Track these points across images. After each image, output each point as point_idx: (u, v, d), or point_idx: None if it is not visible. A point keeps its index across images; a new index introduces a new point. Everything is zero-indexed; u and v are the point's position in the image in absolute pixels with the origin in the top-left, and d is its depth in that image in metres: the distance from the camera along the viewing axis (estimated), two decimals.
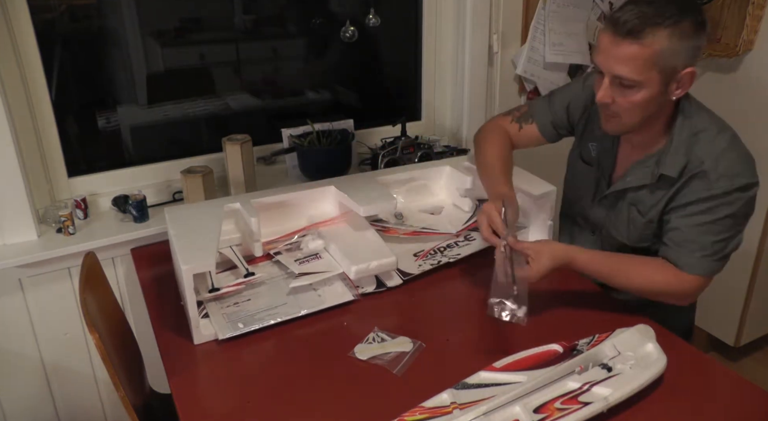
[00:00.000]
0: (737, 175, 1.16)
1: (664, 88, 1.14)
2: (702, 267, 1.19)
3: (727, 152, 1.17)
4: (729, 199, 1.16)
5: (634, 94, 1.13)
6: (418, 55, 2.11)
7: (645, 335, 1.10)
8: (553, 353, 1.07)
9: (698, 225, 1.19)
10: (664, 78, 1.12)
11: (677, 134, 1.21)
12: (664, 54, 1.09)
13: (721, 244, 1.19)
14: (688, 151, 1.19)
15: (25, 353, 1.63)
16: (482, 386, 1.01)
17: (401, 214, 1.54)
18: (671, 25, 1.08)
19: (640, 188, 1.28)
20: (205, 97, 1.90)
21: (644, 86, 1.12)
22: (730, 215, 1.17)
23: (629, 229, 1.33)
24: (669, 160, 1.21)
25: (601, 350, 1.07)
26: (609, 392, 0.97)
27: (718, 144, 1.18)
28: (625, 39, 1.09)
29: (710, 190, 1.16)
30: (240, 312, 1.24)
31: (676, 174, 1.20)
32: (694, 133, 1.19)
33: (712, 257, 1.19)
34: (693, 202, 1.19)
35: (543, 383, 1.00)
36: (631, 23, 1.08)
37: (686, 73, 1.13)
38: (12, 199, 1.49)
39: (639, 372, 1.01)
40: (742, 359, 2.34)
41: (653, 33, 1.08)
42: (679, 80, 1.14)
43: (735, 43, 1.93)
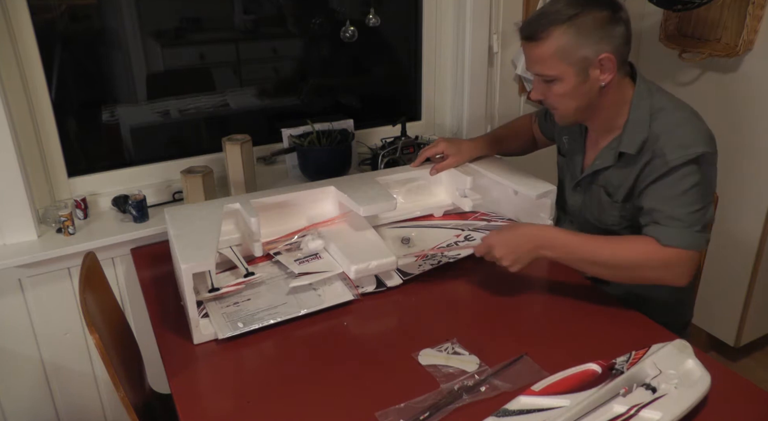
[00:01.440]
0: (691, 146, 1.19)
1: (584, 77, 1.21)
2: (684, 239, 1.20)
3: (682, 126, 1.22)
4: (689, 170, 1.19)
5: (556, 87, 1.23)
6: (418, 55, 2.11)
7: (684, 352, 1.08)
8: (591, 373, 1.04)
9: (668, 199, 1.21)
10: (578, 68, 1.20)
11: (633, 113, 1.26)
12: (566, 48, 1.18)
13: (696, 215, 1.21)
14: (645, 128, 1.24)
15: (25, 353, 1.63)
16: (525, 413, 0.97)
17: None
18: (566, 21, 1.17)
19: (607, 169, 1.33)
20: (205, 97, 1.90)
21: (560, 79, 1.22)
22: (695, 184, 1.20)
23: (599, 211, 1.38)
24: (626, 138, 1.27)
25: (642, 369, 1.04)
26: (659, 416, 0.95)
27: (673, 119, 1.23)
28: (529, 42, 1.22)
29: (667, 164, 1.20)
30: (240, 312, 1.24)
31: (634, 151, 1.25)
32: (652, 113, 1.24)
33: (692, 228, 1.20)
34: (656, 179, 1.23)
35: (589, 407, 0.97)
36: (529, 28, 1.21)
37: (603, 59, 1.19)
38: (12, 200, 1.49)
39: (685, 392, 0.99)
40: (742, 359, 2.34)
41: (548, 32, 1.18)
42: (599, 66, 1.20)
43: (735, 43, 1.93)
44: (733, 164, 2.03)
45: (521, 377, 1.07)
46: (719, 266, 2.11)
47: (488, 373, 1.08)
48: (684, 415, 0.96)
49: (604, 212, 1.38)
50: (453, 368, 1.10)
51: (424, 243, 1.50)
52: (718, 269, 2.12)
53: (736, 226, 2.08)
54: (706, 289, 1.44)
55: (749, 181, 2.02)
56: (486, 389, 1.04)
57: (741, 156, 2.02)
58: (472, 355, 1.13)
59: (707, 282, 1.30)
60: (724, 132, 2.07)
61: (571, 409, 0.96)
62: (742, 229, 2.07)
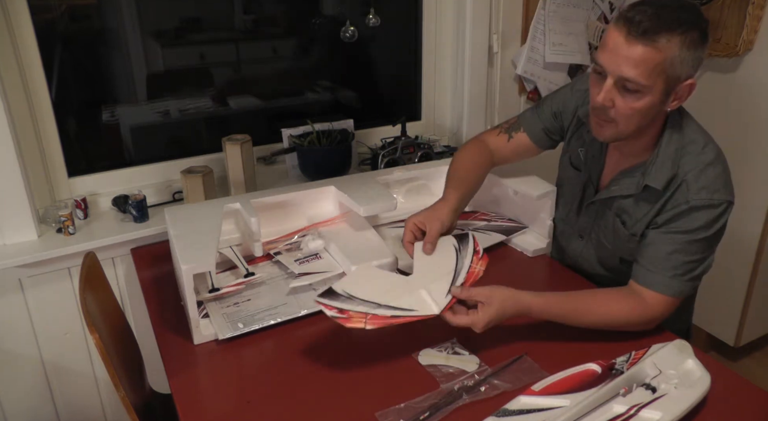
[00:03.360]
0: (717, 191, 1.14)
1: (665, 98, 1.11)
2: (671, 287, 1.17)
3: (711, 167, 1.16)
4: (706, 215, 1.14)
5: (637, 99, 1.09)
6: (418, 55, 2.11)
7: (684, 352, 1.08)
8: (591, 373, 1.04)
9: (673, 243, 1.17)
10: (667, 87, 1.09)
11: (665, 146, 1.18)
12: (674, 61, 1.06)
13: (692, 264, 1.17)
14: (674, 163, 1.17)
15: (25, 353, 1.63)
16: (525, 413, 0.97)
17: None
18: (683, 32, 1.05)
19: (626, 198, 1.25)
20: (205, 97, 1.90)
21: (648, 93, 1.08)
22: (706, 237, 1.16)
23: (614, 239, 1.31)
24: (655, 172, 1.19)
25: (642, 370, 1.04)
26: (659, 416, 0.95)
27: (703, 157, 1.16)
28: (638, 40, 1.04)
29: (689, 201, 1.15)
30: (240, 312, 1.24)
31: (661, 186, 1.18)
32: (681, 146, 1.18)
33: (682, 277, 1.17)
34: (672, 217, 1.17)
35: (589, 407, 0.97)
36: (647, 24, 1.04)
37: (686, 85, 1.11)
38: (12, 200, 1.49)
39: (685, 392, 0.99)
40: (742, 359, 2.34)
41: (668, 38, 1.04)
42: (678, 91, 1.11)
43: (735, 43, 1.93)
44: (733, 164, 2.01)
45: (521, 377, 1.07)
46: (719, 266, 2.10)
47: (488, 373, 1.08)
48: (684, 415, 0.96)
49: (619, 241, 1.30)
50: (453, 368, 1.10)
51: None
52: (718, 269, 2.11)
53: (736, 226, 2.07)
54: (706, 289, 1.44)
55: (749, 181, 2.02)
56: (486, 389, 1.04)
57: (741, 156, 2.02)
58: (472, 355, 1.13)
59: (707, 282, 1.29)
60: (724, 132, 2.07)
61: (571, 409, 0.96)
62: (742, 229, 2.07)
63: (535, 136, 1.45)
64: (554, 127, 1.43)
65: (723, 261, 2.14)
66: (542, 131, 1.44)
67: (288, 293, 1.30)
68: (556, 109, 1.41)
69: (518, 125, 1.47)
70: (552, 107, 1.42)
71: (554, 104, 1.42)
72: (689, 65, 1.08)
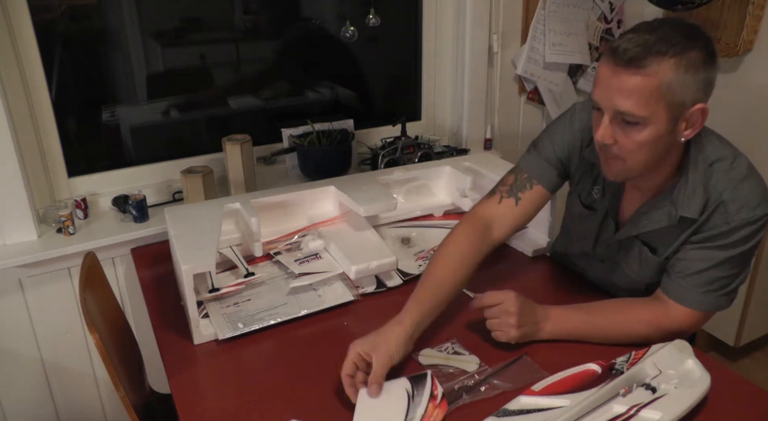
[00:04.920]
0: (758, 206, 1.08)
1: (672, 127, 1.02)
2: (702, 303, 1.13)
3: (746, 181, 1.08)
4: (748, 232, 1.08)
5: (639, 132, 1.02)
6: (418, 55, 2.11)
7: (684, 351, 1.07)
8: (591, 373, 1.04)
9: (708, 260, 1.11)
10: (672, 114, 1.01)
11: (692, 171, 1.10)
12: (671, 86, 0.98)
13: (727, 280, 1.12)
14: (706, 186, 1.09)
15: (25, 353, 1.63)
16: (525, 413, 0.97)
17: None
18: (677, 54, 0.97)
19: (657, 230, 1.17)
20: (205, 97, 1.90)
21: (650, 123, 1.00)
22: (743, 252, 1.10)
23: (641, 268, 1.23)
24: (687, 200, 1.10)
25: (642, 370, 1.04)
26: (659, 416, 0.94)
27: (736, 173, 1.09)
28: (626, 69, 0.98)
29: (730, 223, 1.08)
30: (240, 312, 1.24)
31: (696, 215, 1.10)
32: (708, 165, 1.10)
33: (715, 293, 1.12)
34: (711, 237, 1.10)
35: (589, 407, 0.96)
36: (633, 51, 0.97)
37: (696, 111, 1.02)
38: (12, 199, 1.49)
39: (685, 392, 0.99)
40: (742, 359, 2.34)
41: (657, 62, 0.97)
42: (688, 118, 1.03)
43: (735, 43, 1.93)
44: None
45: (521, 377, 1.07)
46: None
47: (488, 373, 1.08)
48: (684, 415, 0.96)
49: (648, 269, 1.22)
50: (453, 368, 1.10)
51: (424, 243, 1.50)
52: None
53: None
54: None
55: None
56: (486, 389, 1.04)
57: None
58: (472, 355, 1.13)
59: None
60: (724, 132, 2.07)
61: (571, 409, 0.96)
62: None
63: (551, 183, 1.29)
64: (562, 171, 1.30)
65: None
66: (556, 176, 1.29)
67: (288, 293, 1.30)
68: (561, 154, 1.27)
69: (525, 182, 1.29)
70: (555, 152, 1.27)
71: (557, 148, 1.27)
72: (693, 88, 0.99)
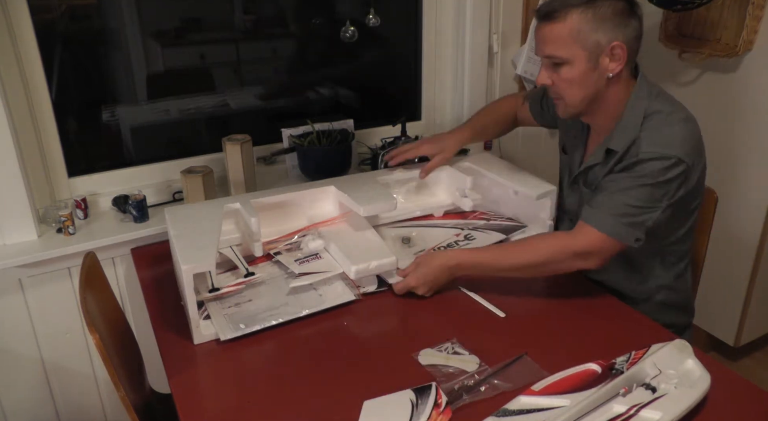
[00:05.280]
0: (669, 146, 1.19)
1: (594, 64, 1.21)
2: (605, 224, 1.21)
3: (670, 127, 1.21)
4: (652, 167, 1.18)
5: (566, 71, 1.22)
6: (418, 55, 2.11)
7: (683, 352, 1.08)
8: (591, 373, 1.04)
9: (617, 185, 1.22)
10: (590, 53, 1.20)
11: (628, 112, 1.25)
12: (581, 31, 1.18)
13: (632, 209, 1.20)
14: (636, 128, 1.23)
15: (25, 353, 1.63)
16: (525, 413, 0.97)
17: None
18: (585, 4, 1.18)
19: (595, 166, 1.33)
20: (205, 97, 1.90)
21: (572, 61, 1.21)
22: (650, 184, 1.19)
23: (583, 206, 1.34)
24: (617, 135, 1.26)
25: (642, 369, 1.04)
26: (659, 416, 0.95)
27: (665, 121, 1.22)
28: (544, 21, 1.21)
29: (639, 154, 1.20)
30: (241, 313, 1.24)
31: (621, 149, 1.24)
32: (647, 115, 1.24)
33: (619, 218, 1.20)
34: (623, 168, 1.23)
35: (589, 407, 0.97)
36: (546, 7, 1.21)
37: (615, 47, 1.20)
38: (12, 199, 1.49)
39: (685, 392, 0.99)
40: (742, 359, 2.34)
41: (566, 12, 1.19)
42: (609, 55, 1.21)
43: (735, 43, 1.93)
44: (733, 164, 2.03)
45: (521, 376, 1.07)
46: (719, 266, 2.11)
47: (488, 373, 1.08)
48: (684, 415, 0.96)
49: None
50: (453, 368, 1.10)
51: (424, 243, 1.50)
52: (718, 269, 2.12)
53: (736, 226, 2.08)
54: (706, 289, 1.44)
55: (749, 181, 2.02)
56: (486, 389, 1.04)
57: (740, 156, 2.02)
58: (472, 355, 1.13)
59: (707, 282, 1.29)
60: (724, 132, 2.07)
61: (571, 409, 0.96)
62: (741, 229, 2.07)
63: (534, 111, 1.60)
64: (549, 113, 1.54)
65: (723, 261, 2.14)
66: (539, 112, 1.58)
67: (288, 293, 1.30)
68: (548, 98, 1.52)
69: (528, 96, 1.63)
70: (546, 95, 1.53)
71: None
72: (605, 31, 1.19)
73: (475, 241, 1.48)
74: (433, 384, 1.05)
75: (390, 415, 0.99)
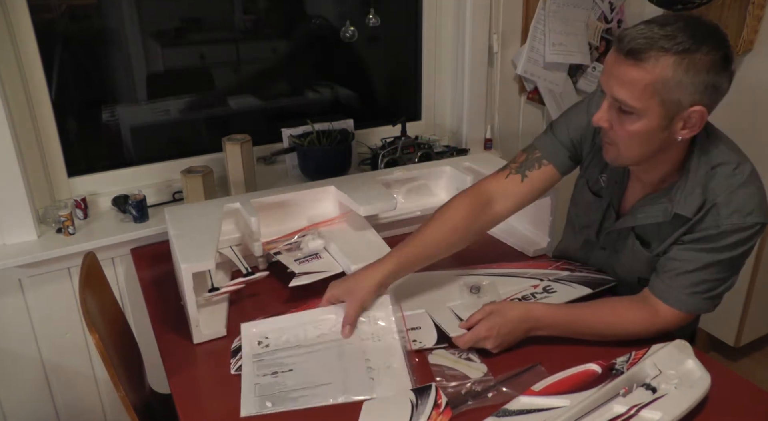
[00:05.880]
0: (751, 213, 1.08)
1: (667, 124, 1.03)
2: (686, 304, 1.14)
3: (744, 187, 1.09)
4: (737, 238, 1.09)
5: (632, 123, 1.04)
6: (418, 55, 2.11)
7: (683, 352, 1.07)
8: (591, 373, 1.04)
9: (697, 262, 1.12)
10: (666, 111, 1.01)
11: (693, 171, 1.11)
12: (666, 83, 0.98)
13: (714, 283, 1.13)
14: (704, 188, 1.10)
15: (25, 353, 1.63)
16: (525, 413, 0.97)
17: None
18: (679, 53, 0.97)
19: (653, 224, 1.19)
20: (205, 97, 1.90)
21: (643, 116, 1.02)
22: (732, 257, 1.11)
23: (633, 260, 1.25)
24: (684, 198, 1.12)
25: (642, 370, 1.04)
26: (659, 416, 0.94)
27: (736, 179, 1.09)
28: (627, 59, 1.00)
29: (720, 226, 1.09)
30: (275, 386, 1.06)
31: (691, 214, 1.11)
32: (711, 168, 1.11)
33: (700, 295, 1.13)
34: (701, 239, 1.11)
35: (589, 407, 0.96)
36: (635, 43, 0.98)
37: (695, 112, 1.01)
38: (12, 199, 1.49)
39: (685, 392, 0.99)
40: (742, 359, 2.34)
41: (656, 58, 0.98)
42: (686, 119, 1.03)
43: (735, 43, 1.93)
44: None
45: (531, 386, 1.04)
46: None
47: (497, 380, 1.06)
48: (684, 415, 0.96)
49: (638, 263, 1.24)
50: (457, 372, 1.09)
51: (495, 293, 1.29)
52: None
53: None
54: None
55: None
56: (493, 396, 1.03)
57: None
58: (482, 363, 1.11)
59: None
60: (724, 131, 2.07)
61: (571, 409, 0.96)
62: None
63: (563, 165, 1.30)
64: (574, 154, 1.31)
65: None
66: (568, 158, 1.30)
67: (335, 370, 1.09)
68: (574, 136, 1.29)
69: (534, 161, 1.30)
70: (569, 133, 1.29)
71: (571, 131, 1.29)
72: (692, 90, 0.99)
73: (555, 294, 1.28)
74: (432, 384, 1.05)
75: (390, 415, 0.99)
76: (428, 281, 1.32)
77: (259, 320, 1.20)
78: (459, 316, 1.19)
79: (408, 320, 1.20)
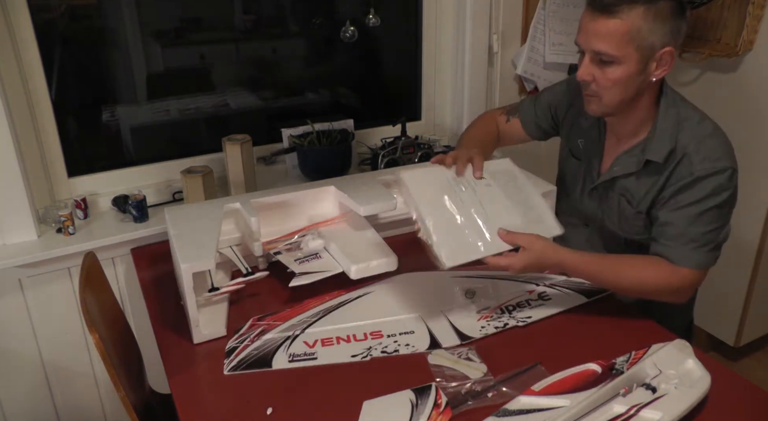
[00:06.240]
0: (719, 159, 1.18)
1: (643, 67, 1.16)
2: (695, 260, 1.20)
3: (710, 138, 1.20)
4: (713, 183, 1.17)
5: (613, 70, 1.16)
6: (418, 55, 2.11)
7: (683, 351, 1.08)
8: (591, 373, 1.04)
9: (687, 217, 1.20)
10: (642, 56, 1.15)
11: (661, 121, 1.23)
12: (641, 31, 1.13)
13: (711, 234, 1.20)
14: (672, 137, 1.21)
15: (25, 353, 1.63)
16: (525, 413, 0.97)
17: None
18: (646, 3, 1.12)
19: (628, 177, 1.29)
20: (205, 97, 1.90)
21: (622, 62, 1.15)
22: (717, 205, 1.19)
23: (620, 220, 1.34)
24: (654, 146, 1.23)
25: (642, 370, 1.04)
26: (659, 416, 0.95)
27: (701, 130, 1.21)
28: (602, 14, 1.14)
29: (693, 173, 1.18)
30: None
31: (661, 159, 1.22)
32: (678, 121, 1.22)
33: (704, 248, 1.20)
34: (680, 189, 1.20)
35: (589, 407, 0.97)
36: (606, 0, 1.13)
37: (665, 53, 1.16)
38: (12, 200, 1.49)
39: (685, 392, 0.99)
40: (742, 359, 2.34)
41: (628, 9, 1.12)
42: (658, 59, 1.16)
43: (735, 43, 1.93)
44: None
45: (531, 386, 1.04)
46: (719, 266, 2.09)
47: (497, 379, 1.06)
48: (684, 415, 0.96)
49: (626, 222, 1.33)
50: (457, 372, 1.09)
51: (488, 298, 1.31)
52: (718, 269, 2.10)
53: (735, 226, 2.06)
54: (706, 289, 1.44)
55: (749, 181, 2.01)
56: (493, 396, 1.03)
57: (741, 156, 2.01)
58: (482, 364, 1.11)
59: (707, 282, 1.29)
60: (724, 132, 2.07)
61: (571, 409, 0.96)
62: (741, 229, 2.06)
63: (527, 125, 1.53)
64: (547, 122, 1.51)
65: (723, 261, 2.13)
66: (534, 123, 1.52)
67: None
68: (552, 103, 1.48)
69: (515, 110, 1.55)
70: (548, 101, 1.49)
71: (551, 97, 1.49)
72: (661, 34, 1.14)
73: (550, 301, 1.30)
74: (432, 384, 1.05)
75: (390, 415, 0.99)
76: (423, 283, 1.35)
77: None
78: (453, 324, 1.23)
79: (402, 323, 1.24)
